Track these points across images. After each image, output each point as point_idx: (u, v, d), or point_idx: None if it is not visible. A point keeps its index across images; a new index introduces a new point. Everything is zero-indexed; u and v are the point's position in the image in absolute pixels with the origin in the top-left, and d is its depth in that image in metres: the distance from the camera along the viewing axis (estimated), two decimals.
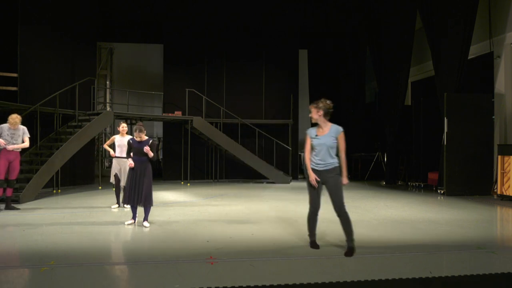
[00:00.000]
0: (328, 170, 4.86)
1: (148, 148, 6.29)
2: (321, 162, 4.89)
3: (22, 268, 4.39)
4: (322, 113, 4.90)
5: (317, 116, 4.93)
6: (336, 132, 4.89)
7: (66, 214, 7.54)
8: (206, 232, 6.03)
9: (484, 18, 11.25)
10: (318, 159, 4.90)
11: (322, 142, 4.87)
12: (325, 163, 4.87)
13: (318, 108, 4.93)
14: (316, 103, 4.98)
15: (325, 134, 4.90)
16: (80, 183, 12.57)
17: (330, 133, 4.90)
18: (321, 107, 4.92)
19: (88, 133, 10.94)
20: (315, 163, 4.94)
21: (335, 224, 6.64)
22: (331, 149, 4.86)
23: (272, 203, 9.25)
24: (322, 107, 4.91)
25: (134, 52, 19.00)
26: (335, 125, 4.97)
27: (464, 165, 10.50)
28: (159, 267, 4.33)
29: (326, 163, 4.87)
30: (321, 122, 4.94)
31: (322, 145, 4.86)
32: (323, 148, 4.86)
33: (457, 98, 10.63)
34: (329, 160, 4.87)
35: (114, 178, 8.19)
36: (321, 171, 4.89)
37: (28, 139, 7.99)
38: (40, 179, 9.57)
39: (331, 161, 4.87)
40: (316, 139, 4.93)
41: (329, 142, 4.85)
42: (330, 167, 4.86)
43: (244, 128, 14.72)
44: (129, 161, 6.43)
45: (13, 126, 7.78)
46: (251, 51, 15.45)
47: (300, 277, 3.95)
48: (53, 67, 12.13)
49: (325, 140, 4.87)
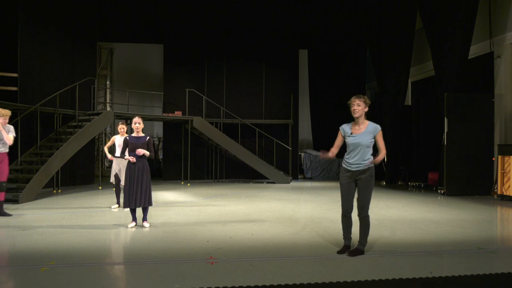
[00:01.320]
0: (361, 170, 4.57)
1: (140, 152, 6.17)
2: (355, 162, 4.56)
3: (22, 268, 4.39)
4: (366, 109, 4.53)
5: (362, 111, 4.52)
6: (374, 131, 4.54)
7: (66, 214, 7.54)
8: (206, 232, 6.03)
9: (485, 18, 11.25)
10: (353, 159, 4.57)
11: (358, 141, 4.51)
12: (359, 163, 4.55)
13: (365, 103, 4.54)
14: (363, 97, 4.56)
15: (362, 132, 4.54)
16: (80, 183, 12.57)
17: (367, 131, 4.54)
18: (365, 102, 4.54)
19: (88, 133, 10.95)
20: (348, 162, 4.62)
21: (336, 224, 6.65)
22: (367, 148, 4.53)
23: (272, 203, 9.25)
24: (366, 102, 4.53)
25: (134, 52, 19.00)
26: (373, 123, 4.60)
27: (464, 165, 10.50)
28: (159, 267, 4.33)
29: (360, 164, 4.55)
30: (361, 119, 4.56)
31: (357, 145, 4.52)
32: (359, 147, 4.51)
33: (457, 98, 10.62)
34: (363, 160, 4.54)
35: (114, 178, 8.17)
36: (353, 171, 4.59)
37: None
38: (40, 179, 9.57)
39: (365, 161, 4.54)
40: (351, 137, 4.56)
41: (365, 141, 4.50)
42: (364, 168, 4.55)
43: (244, 128, 14.72)
44: (130, 157, 6.21)
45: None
46: (251, 51, 15.45)
47: (300, 277, 3.95)
48: (53, 67, 12.13)
49: (361, 138, 4.51)
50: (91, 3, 13.33)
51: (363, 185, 4.58)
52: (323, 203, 9.21)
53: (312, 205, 8.99)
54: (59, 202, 9.22)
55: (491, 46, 11.14)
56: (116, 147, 8.21)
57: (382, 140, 4.57)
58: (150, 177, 6.39)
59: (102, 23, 14.56)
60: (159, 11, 14.89)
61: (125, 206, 6.30)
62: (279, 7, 15.12)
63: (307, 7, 15.12)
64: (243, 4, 14.87)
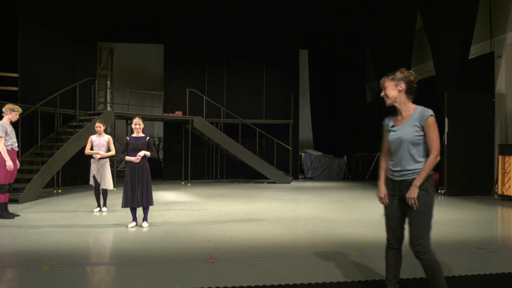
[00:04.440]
0: (408, 181, 3.09)
1: (141, 154, 6.18)
2: (397, 168, 3.16)
3: (23, 268, 4.39)
4: (404, 87, 3.16)
5: (395, 92, 3.17)
6: (420, 118, 3.09)
7: (66, 214, 7.54)
8: (206, 232, 6.03)
9: (485, 18, 11.24)
10: (393, 162, 3.20)
11: (398, 136, 3.14)
12: (402, 169, 3.13)
13: (396, 80, 3.17)
14: (396, 73, 3.18)
15: (405, 123, 3.16)
16: (80, 183, 12.57)
17: (410, 121, 3.12)
18: (400, 78, 3.16)
19: (89, 133, 10.89)
20: (390, 169, 3.24)
21: (336, 224, 6.65)
22: (413, 146, 3.09)
23: (272, 203, 9.25)
24: (402, 79, 3.15)
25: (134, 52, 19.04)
26: (421, 108, 3.15)
27: (465, 165, 10.50)
28: (159, 267, 4.33)
29: (403, 170, 3.12)
30: (401, 104, 3.19)
31: (398, 141, 3.14)
32: (400, 145, 3.12)
33: (458, 98, 10.62)
34: (409, 165, 3.10)
35: (93, 180, 7.83)
36: (398, 182, 3.16)
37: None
38: (41, 179, 9.58)
39: (413, 167, 3.09)
40: (391, 132, 3.21)
41: (408, 136, 3.09)
42: (412, 177, 3.08)
43: (245, 128, 14.73)
44: (133, 158, 6.19)
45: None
46: (251, 51, 15.46)
47: (300, 277, 3.95)
48: (53, 67, 12.14)
49: (402, 132, 3.12)
50: (92, 3, 13.34)
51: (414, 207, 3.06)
52: (323, 203, 9.21)
53: (312, 205, 8.99)
54: (60, 202, 9.22)
55: (492, 46, 11.13)
56: (94, 147, 7.79)
57: (434, 131, 3.04)
58: (150, 177, 6.39)
59: (102, 23, 14.57)
60: (159, 11, 14.90)
61: (124, 206, 6.28)
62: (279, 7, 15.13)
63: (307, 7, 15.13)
64: (244, 4, 14.87)
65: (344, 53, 17.94)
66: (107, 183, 7.76)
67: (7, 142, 6.93)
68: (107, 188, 7.81)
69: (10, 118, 7.07)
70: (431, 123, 3.05)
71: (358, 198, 10.10)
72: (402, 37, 13.21)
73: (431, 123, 3.04)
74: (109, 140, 7.88)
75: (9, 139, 6.97)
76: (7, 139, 6.93)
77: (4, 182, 6.95)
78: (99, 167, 7.75)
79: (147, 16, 15.27)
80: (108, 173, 7.82)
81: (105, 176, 7.75)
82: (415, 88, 3.21)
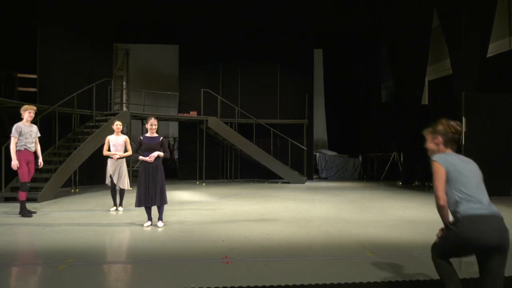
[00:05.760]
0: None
1: (154, 155, 6.22)
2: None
3: (41, 265, 4.47)
4: (442, 141, 3.17)
5: (433, 146, 3.20)
6: None
7: (83, 213, 7.65)
8: (221, 231, 6.05)
9: (503, 15, 11.03)
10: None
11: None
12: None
13: (433, 134, 3.19)
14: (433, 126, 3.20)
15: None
16: (96, 183, 12.74)
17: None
18: (438, 131, 3.16)
19: (105, 133, 11.03)
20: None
21: (351, 224, 6.61)
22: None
23: (287, 203, 9.23)
24: (440, 132, 3.16)
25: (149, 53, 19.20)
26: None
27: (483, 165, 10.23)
28: (175, 266, 4.36)
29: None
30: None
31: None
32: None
33: (476, 97, 10.44)
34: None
35: (110, 180, 7.88)
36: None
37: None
38: (59, 178, 9.75)
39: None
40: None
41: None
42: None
43: (259, 128, 14.72)
44: (146, 158, 6.22)
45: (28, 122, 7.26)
46: (265, 50, 15.45)
47: (315, 278, 3.93)
48: (71, 68, 12.34)
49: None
50: (108, 5, 13.51)
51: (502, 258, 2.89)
52: (338, 204, 9.15)
53: (327, 205, 8.94)
54: (77, 201, 9.36)
55: (510, 43, 10.91)
56: (110, 146, 7.85)
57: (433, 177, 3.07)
58: (164, 176, 6.43)
59: (118, 25, 14.74)
60: (174, 12, 15.00)
61: (138, 205, 6.32)
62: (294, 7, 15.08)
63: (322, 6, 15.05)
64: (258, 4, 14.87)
65: (359, 52, 17.80)
66: (123, 183, 7.86)
67: (20, 143, 7.09)
68: (124, 187, 7.90)
69: (26, 118, 7.24)
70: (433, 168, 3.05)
71: (373, 199, 10.01)
72: (418, 35, 13.04)
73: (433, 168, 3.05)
74: (126, 140, 7.97)
75: (23, 139, 7.12)
76: (20, 139, 7.08)
77: (24, 180, 7.15)
78: (116, 167, 7.83)
79: (162, 18, 15.38)
80: (125, 173, 7.92)
81: (122, 176, 7.85)
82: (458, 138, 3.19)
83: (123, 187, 7.89)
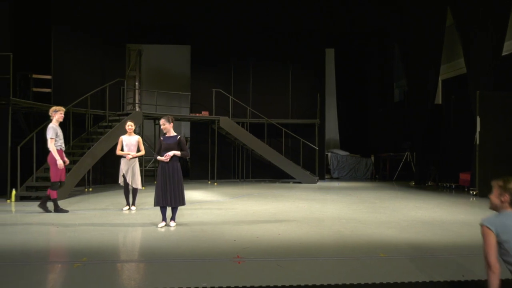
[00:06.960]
0: None
1: (170, 154, 6.17)
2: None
3: (56, 264, 4.54)
4: (508, 199, 3.05)
5: (497, 201, 3.10)
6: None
7: (97, 212, 7.74)
8: (233, 231, 6.06)
9: None
10: None
11: None
12: None
13: (501, 189, 3.07)
14: (504, 182, 3.07)
15: None
16: (109, 182, 12.87)
17: None
18: (507, 189, 3.04)
19: (118, 133, 11.15)
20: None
21: (363, 225, 6.57)
22: None
23: (298, 203, 9.22)
24: (509, 190, 3.04)
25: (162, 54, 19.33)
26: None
27: (498, 165, 10.15)
28: (187, 265, 4.39)
29: None
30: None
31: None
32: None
33: (490, 96, 10.30)
34: None
35: (122, 179, 7.95)
36: None
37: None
38: (73, 178, 9.88)
39: None
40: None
41: None
42: None
43: (271, 128, 14.72)
44: (163, 157, 6.19)
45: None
46: (277, 50, 15.43)
47: (327, 278, 3.92)
48: (84, 68, 12.49)
49: None
50: (121, 6, 13.64)
51: None
52: (350, 204, 9.11)
53: (339, 205, 8.91)
54: (91, 201, 9.47)
55: None
56: (124, 146, 7.94)
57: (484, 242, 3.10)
58: (181, 177, 6.39)
59: (130, 26, 14.88)
60: (186, 13, 15.08)
61: (156, 205, 6.34)
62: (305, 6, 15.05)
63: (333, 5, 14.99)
64: (269, 4, 14.88)
65: (372, 51, 17.67)
66: (136, 182, 7.94)
67: (57, 143, 7.38)
68: (137, 187, 7.98)
69: (57, 119, 7.52)
70: (481, 232, 3.06)
71: (385, 199, 9.94)
72: (432, 34, 12.90)
73: (481, 232, 3.06)
74: (139, 140, 8.05)
75: (59, 140, 7.44)
76: (56, 139, 7.38)
77: (55, 179, 7.42)
78: (129, 167, 7.90)
79: (174, 18, 15.47)
80: (138, 172, 8.00)
81: (135, 175, 7.92)
82: None
83: (136, 186, 7.97)
